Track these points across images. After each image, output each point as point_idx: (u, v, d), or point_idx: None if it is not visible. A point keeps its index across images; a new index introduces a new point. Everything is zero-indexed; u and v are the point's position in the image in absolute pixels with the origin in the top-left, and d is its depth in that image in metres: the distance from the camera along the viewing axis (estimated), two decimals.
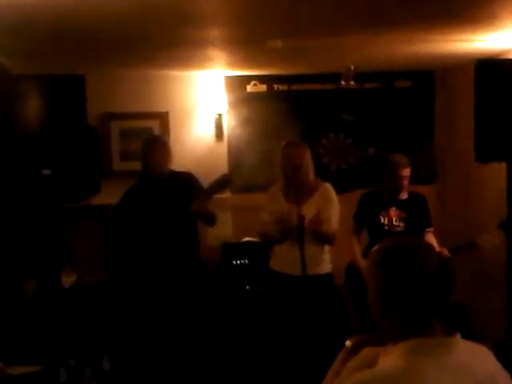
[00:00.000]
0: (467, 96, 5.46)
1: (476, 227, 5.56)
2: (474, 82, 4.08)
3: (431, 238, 5.27)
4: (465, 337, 1.86)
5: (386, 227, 5.25)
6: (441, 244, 5.22)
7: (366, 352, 1.91)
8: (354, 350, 2.02)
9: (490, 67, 4.09)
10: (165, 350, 5.06)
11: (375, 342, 1.96)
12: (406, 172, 5.25)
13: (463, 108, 6.15)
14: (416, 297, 1.80)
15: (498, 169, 5.50)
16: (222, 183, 4.92)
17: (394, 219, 5.27)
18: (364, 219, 5.39)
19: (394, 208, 5.29)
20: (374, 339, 1.98)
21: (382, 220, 5.27)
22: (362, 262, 5.13)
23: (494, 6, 3.84)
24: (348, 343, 2.06)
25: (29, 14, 3.66)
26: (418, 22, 4.34)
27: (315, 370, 2.17)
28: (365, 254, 5.05)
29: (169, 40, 4.71)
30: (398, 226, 5.25)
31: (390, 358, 1.78)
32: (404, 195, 5.33)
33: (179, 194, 5.00)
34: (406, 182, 5.27)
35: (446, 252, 5.02)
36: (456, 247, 5.16)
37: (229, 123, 6.69)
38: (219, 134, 6.65)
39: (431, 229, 5.38)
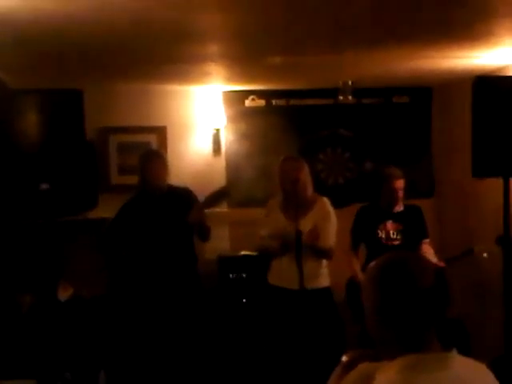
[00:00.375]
0: (464, 112, 5.48)
1: (473, 241, 5.57)
2: (472, 98, 4.09)
3: (428, 249, 5.27)
4: (463, 353, 1.86)
5: (384, 241, 5.26)
6: (438, 255, 5.22)
7: (363, 367, 1.91)
8: (350, 366, 2.01)
9: (487, 84, 4.11)
10: (161, 363, 5.05)
11: (371, 358, 1.96)
12: (400, 184, 5.27)
13: (460, 124, 6.16)
14: (413, 312, 1.80)
15: (495, 183, 5.51)
16: (219, 195, 4.94)
17: (392, 232, 5.28)
18: (361, 234, 5.39)
19: (390, 221, 5.30)
20: (370, 354, 1.98)
21: (380, 234, 5.28)
22: (362, 277, 5.12)
23: (492, 23, 3.86)
24: (344, 358, 2.06)
25: (27, 30, 3.68)
26: (416, 39, 4.36)
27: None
28: (364, 269, 5.04)
29: (167, 55, 4.73)
30: (396, 239, 5.26)
31: (387, 375, 1.78)
32: (400, 207, 5.35)
33: (176, 208, 5.01)
34: (400, 194, 5.28)
35: (441, 264, 5.03)
36: (453, 257, 5.17)
37: (227, 138, 6.70)
38: (217, 148, 6.66)
39: (427, 239, 5.38)
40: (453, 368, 1.78)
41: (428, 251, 5.23)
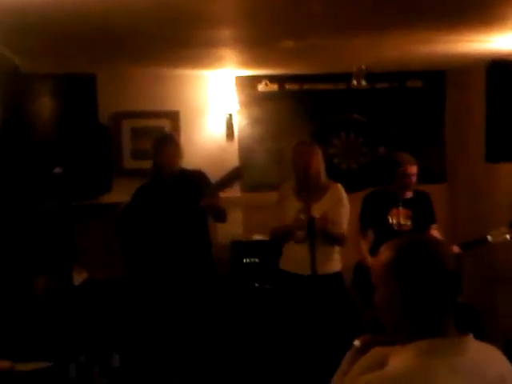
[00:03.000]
0: (478, 96, 5.47)
1: (486, 226, 5.56)
2: (486, 82, 4.09)
3: (436, 234, 5.27)
4: (476, 337, 1.86)
5: (395, 227, 5.24)
6: (451, 241, 5.22)
7: (376, 352, 1.91)
8: (363, 350, 2.01)
9: (501, 68, 4.10)
10: (174, 347, 5.08)
11: (384, 343, 1.96)
12: (413, 169, 5.24)
13: (474, 108, 6.14)
14: (436, 295, 1.78)
15: (509, 168, 5.50)
16: (233, 176, 4.94)
17: (401, 218, 5.26)
18: (370, 220, 5.37)
19: (400, 207, 5.28)
20: (384, 340, 1.98)
21: (391, 220, 5.26)
22: (372, 261, 5.11)
23: (507, 6, 3.83)
24: (356, 343, 2.05)
25: (40, 14, 3.68)
26: (430, 23, 4.33)
27: (324, 369, 2.18)
28: (371, 254, 5.04)
29: (180, 39, 4.72)
30: (405, 224, 5.25)
31: (401, 359, 1.77)
32: (409, 194, 5.33)
33: (190, 192, 5.01)
34: (413, 180, 5.26)
35: (456, 249, 5.02)
36: (466, 243, 5.16)
37: (240, 123, 6.70)
38: (230, 133, 6.66)
39: (435, 225, 5.37)
40: (468, 353, 1.77)
41: (436, 235, 5.22)
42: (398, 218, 5.27)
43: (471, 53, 5.47)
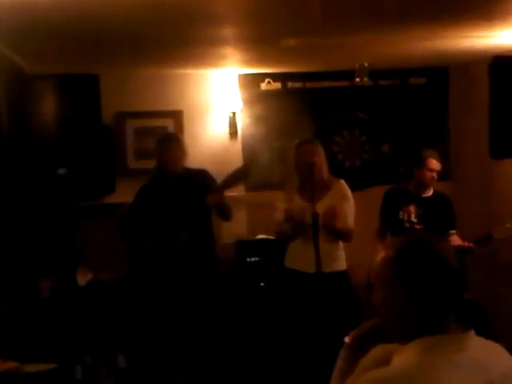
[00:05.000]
0: (481, 92, 5.46)
1: (491, 223, 5.55)
2: (489, 78, 4.08)
3: (456, 240, 5.21)
4: (482, 335, 1.86)
5: (406, 224, 5.21)
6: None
7: (379, 350, 1.90)
8: (356, 346, 2.02)
9: (504, 64, 4.09)
10: (180, 347, 5.09)
11: (375, 336, 1.96)
12: (436, 165, 5.21)
13: (478, 104, 6.13)
14: (438, 293, 1.77)
15: None
16: (240, 174, 4.93)
17: (413, 216, 5.23)
18: (387, 216, 5.36)
19: (414, 204, 5.24)
20: (373, 332, 1.98)
21: (401, 216, 5.24)
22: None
23: (508, 2, 3.82)
24: (347, 340, 2.06)
25: (43, 15, 3.68)
26: (433, 19, 4.33)
27: (327, 368, 2.18)
28: None
29: (183, 39, 4.72)
30: (416, 222, 5.21)
31: (404, 356, 1.77)
32: (428, 192, 5.28)
33: (194, 191, 5.01)
34: (434, 176, 5.23)
35: (470, 244, 5.01)
36: (473, 241, 5.13)
37: (243, 121, 6.70)
38: (233, 132, 6.66)
39: (454, 231, 5.27)
40: (470, 349, 1.77)
41: (456, 242, 5.16)
42: (410, 215, 5.23)
43: (474, 49, 5.46)
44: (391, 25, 4.51)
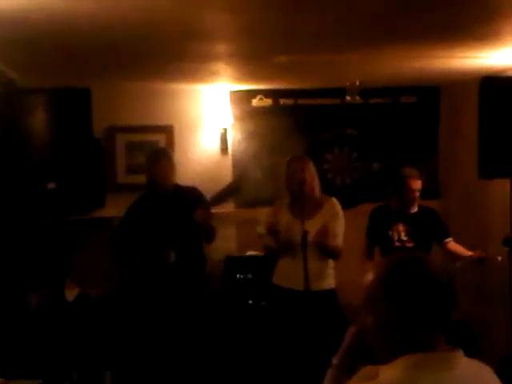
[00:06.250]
0: (472, 112, 5.47)
1: (480, 242, 5.55)
2: (478, 98, 4.09)
3: (455, 246, 5.24)
4: (469, 354, 1.85)
5: (396, 243, 5.21)
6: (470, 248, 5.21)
7: (366, 371, 1.90)
8: (342, 367, 2.02)
9: (494, 84, 4.11)
10: (167, 363, 5.06)
11: (358, 354, 1.97)
12: (417, 184, 5.21)
13: (468, 124, 6.14)
14: (424, 313, 1.77)
15: (502, 184, 5.50)
16: (230, 191, 4.94)
17: (403, 234, 5.23)
18: (374, 236, 5.35)
19: (402, 223, 5.24)
20: (358, 352, 1.99)
21: (392, 235, 5.23)
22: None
23: (500, 23, 3.85)
24: (334, 360, 2.07)
25: (36, 29, 3.68)
26: (424, 39, 4.35)
27: None
28: None
29: (175, 54, 4.73)
30: (407, 240, 5.21)
31: (390, 372, 1.77)
32: (414, 209, 5.29)
33: (184, 208, 5.01)
34: (417, 195, 5.23)
35: (478, 253, 5.02)
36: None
37: (234, 137, 6.70)
38: (224, 148, 6.66)
39: (450, 238, 5.31)
40: (457, 369, 1.76)
41: (456, 247, 5.20)
42: (399, 233, 5.23)
43: (465, 68, 5.49)
44: (382, 44, 4.53)
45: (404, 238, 5.21)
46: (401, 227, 5.23)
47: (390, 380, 1.74)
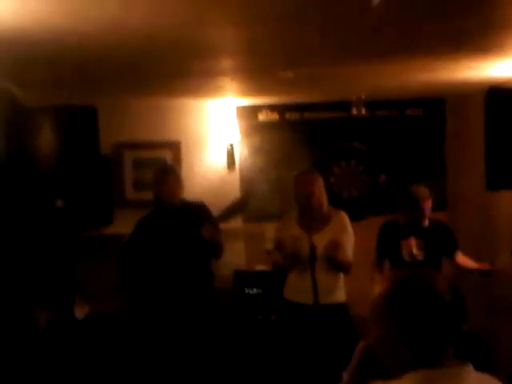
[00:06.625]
0: (477, 123, 5.48)
1: (488, 254, 5.53)
2: (485, 110, 4.09)
3: (462, 258, 5.22)
4: (483, 367, 1.84)
5: (407, 257, 5.17)
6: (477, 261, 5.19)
7: None
8: (353, 381, 2.02)
9: (500, 95, 4.11)
10: (178, 379, 5.04)
11: (373, 371, 1.96)
12: (428, 204, 5.17)
13: (474, 136, 6.14)
14: (434, 326, 1.77)
15: (510, 196, 5.49)
16: (237, 207, 4.94)
17: (414, 249, 5.19)
18: (385, 250, 5.33)
19: (413, 237, 5.20)
20: (368, 363, 1.98)
21: (402, 250, 5.21)
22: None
23: (505, 33, 3.85)
24: (345, 376, 2.06)
25: (41, 48, 3.70)
26: (429, 51, 4.36)
27: None
28: None
29: (180, 70, 4.74)
30: (418, 255, 5.18)
31: None
32: (425, 223, 5.26)
33: (191, 223, 5.01)
34: (427, 213, 5.20)
35: (486, 265, 5.01)
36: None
37: (241, 152, 6.71)
38: (231, 163, 6.66)
39: (458, 251, 5.28)
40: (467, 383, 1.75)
41: (465, 259, 5.18)
42: (411, 248, 5.20)
43: (470, 80, 5.49)
44: (387, 56, 4.53)
45: (415, 252, 5.18)
46: (412, 241, 5.20)
47: None
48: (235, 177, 6.69)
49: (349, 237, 4.86)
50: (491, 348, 5.73)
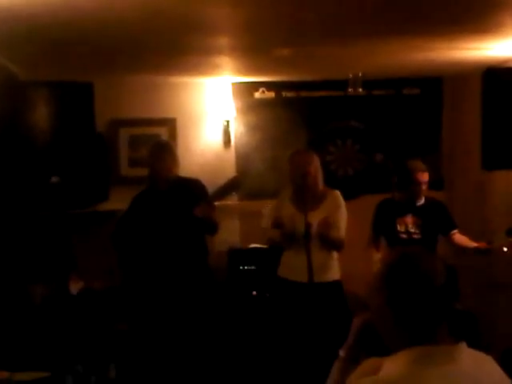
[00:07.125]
0: (474, 103, 5.47)
1: (484, 233, 5.55)
2: (481, 90, 4.09)
3: (460, 238, 5.23)
4: (473, 346, 1.86)
5: (403, 235, 5.19)
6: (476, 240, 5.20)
7: (370, 362, 1.91)
8: (349, 358, 2.03)
9: (497, 75, 4.10)
10: (172, 356, 5.07)
11: (369, 350, 1.98)
12: (425, 177, 5.18)
13: (470, 115, 6.14)
14: (426, 309, 1.78)
15: (506, 175, 5.51)
16: (231, 186, 4.93)
17: (410, 226, 5.21)
18: (381, 228, 5.35)
19: (410, 215, 5.21)
20: (365, 346, 2.00)
21: (399, 228, 5.22)
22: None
23: (502, 14, 3.84)
24: (341, 352, 2.07)
25: (38, 23, 3.68)
26: (426, 30, 4.35)
27: (320, 378, 2.18)
28: None
29: (177, 47, 4.73)
30: (414, 232, 5.20)
31: (393, 365, 1.78)
32: (421, 201, 5.27)
33: (186, 200, 5.00)
34: (424, 188, 5.22)
35: (484, 244, 5.02)
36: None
37: (236, 130, 6.70)
38: (227, 140, 6.66)
39: (456, 230, 5.28)
40: (460, 361, 1.77)
41: (463, 239, 5.19)
42: (407, 226, 5.22)
43: (468, 60, 5.48)
44: (385, 35, 4.52)
45: (411, 229, 5.20)
46: (409, 219, 5.21)
47: (394, 374, 1.75)
48: (231, 154, 6.69)
49: (342, 215, 4.87)
50: (485, 327, 5.77)
